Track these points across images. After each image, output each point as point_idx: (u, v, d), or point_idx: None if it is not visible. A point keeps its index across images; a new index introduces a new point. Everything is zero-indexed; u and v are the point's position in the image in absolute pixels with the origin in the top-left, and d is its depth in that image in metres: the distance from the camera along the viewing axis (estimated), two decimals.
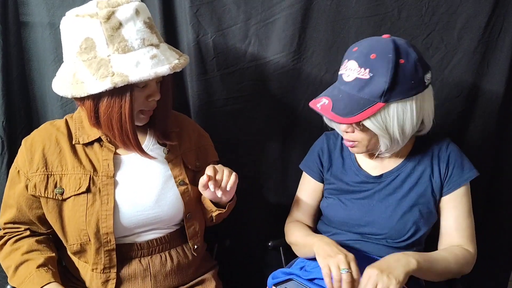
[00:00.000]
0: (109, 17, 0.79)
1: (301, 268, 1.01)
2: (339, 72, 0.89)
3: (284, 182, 1.25)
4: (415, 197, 0.94)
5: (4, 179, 1.19)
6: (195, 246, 0.98)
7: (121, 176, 0.91)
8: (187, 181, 0.96)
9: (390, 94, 0.82)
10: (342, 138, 1.03)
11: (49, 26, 1.16)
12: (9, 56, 1.13)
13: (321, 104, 0.87)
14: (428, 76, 0.86)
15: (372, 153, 0.97)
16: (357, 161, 1.01)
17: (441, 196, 0.95)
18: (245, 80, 1.17)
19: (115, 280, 0.90)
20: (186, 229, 0.97)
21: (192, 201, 0.96)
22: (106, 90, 0.79)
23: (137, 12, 0.81)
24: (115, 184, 0.89)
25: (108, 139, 0.91)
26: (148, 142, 0.96)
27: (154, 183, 0.93)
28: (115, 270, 0.90)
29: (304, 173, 1.10)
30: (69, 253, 0.93)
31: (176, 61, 0.84)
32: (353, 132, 0.89)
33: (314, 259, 1.01)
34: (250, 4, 1.10)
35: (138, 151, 0.90)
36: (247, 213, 1.26)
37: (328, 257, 0.83)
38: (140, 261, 0.93)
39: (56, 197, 0.87)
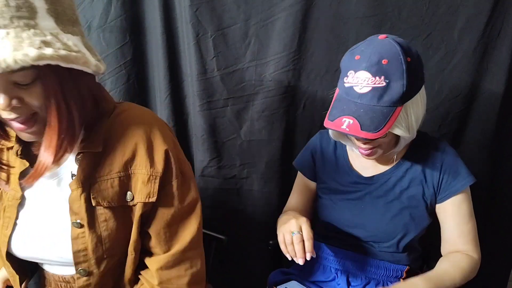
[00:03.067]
0: None
1: (301, 270, 1.01)
2: (347, 85, 0.84)
3: (285, 182, 1.25)
4: (406, 200, 0.92)
5: None
6: None
7: (28, 198, 0.73)
8: (85, 223, 0.69)
9: (407, 96, 0.81)
10: None
11: None
12: None
13: (346, 125, 0.81)
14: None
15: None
16: (349, 161, 1.00)
17: (435, 202, 0.93)
18: (245, 80, 1.17)
19: None
20: None
21: (92, 252, 0.70)
22: None
23: None
24: (19, 207, 0.73)
25: (20, 150, 0.72)
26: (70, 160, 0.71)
27: (56, 218, 0.71)
28: None
29: (299, 172, 1.09)
30: None
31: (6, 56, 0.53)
32: (373, 141, 0.87)
33: (313, 260, 1.01)
34: (250, 3, 1.10)
35: None
36: (247, 213, 1.26)
37: (282, 225, 0.86)
38: None
39: None
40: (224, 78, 1.16)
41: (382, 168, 0.96)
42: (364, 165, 0.98)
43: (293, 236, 0.81)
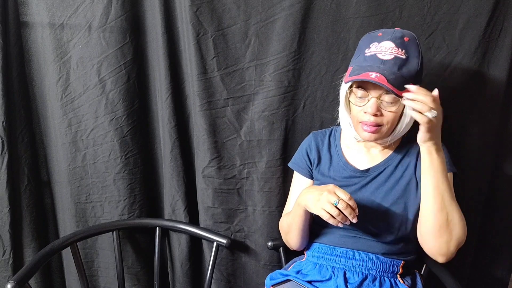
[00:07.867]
0: None
1: (298, 272, 1.01)
2: (369, 54, 0.89)
3: (285, 183, 1.25)
4: (400, 190, 0.95)
5: (4, 179, 1.19)
6: None
7: None
8: None
9: (419, 77, 0.88)
10: (329, 136, 1.07)
11: (49, 26, 1.17)
12: (9, 56, 1.14)
13: (374, 76, 0.85)
14: None
15: (360, 147, 1.01)
16: (344, 156, 1.03)
17: None
18: (245, 80, 1.17)
19: None
20: None
21: None
22: None
23: None
24: None
25: None
26: None
27: None
28: None
29: (294, 172, 1.11)
30: None
31: None
32: (382, 115, 0.90)
33: (309, 261, 1.02)
34: (250, 4, 1.10)
35: None
36: (247, 213, 1.26)
37: (317, 202, 0.86)
38: None
39: None
40: (224, 78, 1.16)
41: (376, 160, 1.00)
42: (359, 159, 1.01)
43: (337, 205, 0.84)
